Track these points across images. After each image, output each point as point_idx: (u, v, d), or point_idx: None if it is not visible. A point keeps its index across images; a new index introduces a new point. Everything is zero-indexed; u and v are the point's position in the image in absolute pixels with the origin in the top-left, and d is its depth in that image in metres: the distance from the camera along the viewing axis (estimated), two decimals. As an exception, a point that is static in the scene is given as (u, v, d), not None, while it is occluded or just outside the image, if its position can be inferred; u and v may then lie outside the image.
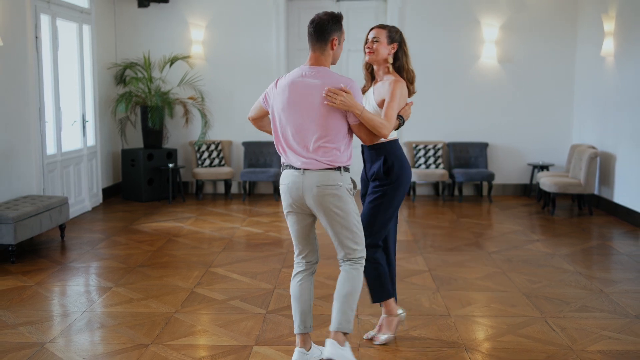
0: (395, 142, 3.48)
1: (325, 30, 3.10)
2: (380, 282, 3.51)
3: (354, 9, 8.58)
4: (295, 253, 3.27)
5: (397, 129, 3.42)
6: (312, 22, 3.15)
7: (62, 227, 5.99)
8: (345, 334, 3.16)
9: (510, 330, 3.76)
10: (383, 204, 3.44)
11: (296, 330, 3.24)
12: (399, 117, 3.39)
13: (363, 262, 3.21)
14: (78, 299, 4.39)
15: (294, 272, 3.27)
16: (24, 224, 5.24)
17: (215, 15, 8.40)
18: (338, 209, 3.09)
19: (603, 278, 4.84)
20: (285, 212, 3.22)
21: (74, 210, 7.04)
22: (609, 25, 7.19)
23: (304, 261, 3.25)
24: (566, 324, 3.85)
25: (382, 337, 3.60)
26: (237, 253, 5.57)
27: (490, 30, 8.27)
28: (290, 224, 3.22)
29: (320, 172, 3.07)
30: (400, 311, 3.65)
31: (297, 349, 3.25)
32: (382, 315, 3.64)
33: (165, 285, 4.65)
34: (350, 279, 3.16)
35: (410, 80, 3.59)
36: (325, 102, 3.03)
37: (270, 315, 4.01)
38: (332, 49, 3.13)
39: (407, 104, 3.49)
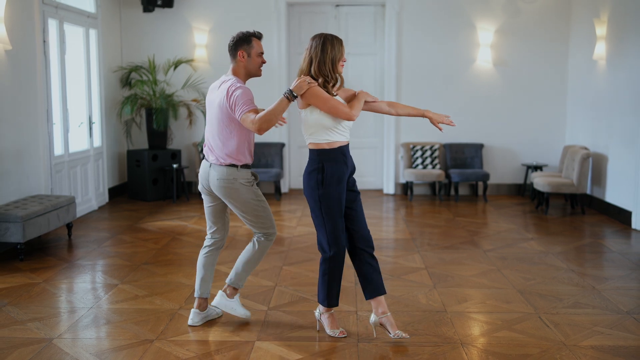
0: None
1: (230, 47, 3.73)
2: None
3: (353, 13, 8.70)
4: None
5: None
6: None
7: (69, 226, 6.05)
8: (235, 289, 3.86)
9: (505, 325, 3.82)
10: None
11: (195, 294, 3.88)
12: None
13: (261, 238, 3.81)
14: (85, 295, 4.43)
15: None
16: (32, 222, 5.29)
17: (218, 20, 8.50)
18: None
19: (595, 275, 4.89)
20: None
21: (81, 210, 7.10)
22: (600, 30, 7.27)
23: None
24: (559, 319, 3.91)
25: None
26: (239, 251, 5.48)
27: (485, 34, 8.37)
28: None
29: None
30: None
31: (192, 310, 3.89)
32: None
33: (170, 282, 4.69)
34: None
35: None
36: None
37: (271, 311, 4.07)
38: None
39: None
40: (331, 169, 3.49)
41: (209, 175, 3.71)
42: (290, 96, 3.48)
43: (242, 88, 3.59)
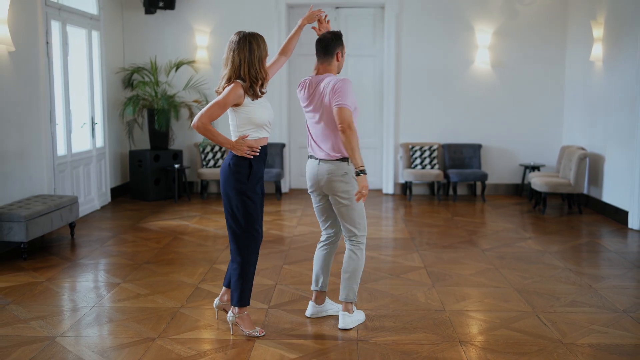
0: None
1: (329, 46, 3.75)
2: None
3: (353, 15, 8.75)
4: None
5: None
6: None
7: (72, 225, 6.08)
8: (351, 302, 3.82)
9: (503, 324, 3.85)
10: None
11: (312, 287, 3.99)
12: None
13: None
14: (87, 294, 4.46)
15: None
16: (36, 222, 5.33)
17: (219, 22, 8.55)
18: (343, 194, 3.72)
19: (592, 274, 4.92)
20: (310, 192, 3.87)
21: (84, 209, 7.15)
22: (597, 31, 7.33)
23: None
24: (557, 318, 3.95)
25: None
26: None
27: (483, 36, 8.43)
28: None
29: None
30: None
31: (310, 302, 3.99)
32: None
33: (171, 281, 4.72)
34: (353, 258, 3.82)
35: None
36: None
37: (272, 310, 4.10)
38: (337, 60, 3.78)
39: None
40: (257, 165, 3.56)
41: (318, 172, 3.73)
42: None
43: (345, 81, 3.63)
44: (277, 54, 3.88)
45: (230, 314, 3.70)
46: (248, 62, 3.44)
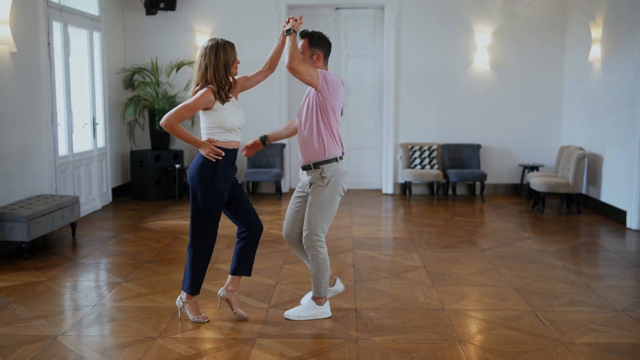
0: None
1: None
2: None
3: (353, 15, 8.77)
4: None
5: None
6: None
7: (73, 225, 6.09)
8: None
9: (502, 323, 3.87)
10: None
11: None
12: None
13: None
14: (88, 293, 4.48)
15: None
16: (37, 222, 5.34)
17: (220, 23, 8.58)
18: None
19: (591, 274, 4.94)
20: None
21: (85, 209, 7.16)
22: (596, 32, 7.35)
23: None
24: (555, 317, 3.96)
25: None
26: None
27: (482, 36, 8.45)
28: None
29: None
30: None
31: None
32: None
33: (172, 280, 4.73)
34: None
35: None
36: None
37: (272, 309, 4.11)
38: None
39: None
40: (222, 168, 3.70)
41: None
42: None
43: None
44: (263, 65, 3.91)
45: (179, 298, 3.93)
46: (214, 67, 3.62)
